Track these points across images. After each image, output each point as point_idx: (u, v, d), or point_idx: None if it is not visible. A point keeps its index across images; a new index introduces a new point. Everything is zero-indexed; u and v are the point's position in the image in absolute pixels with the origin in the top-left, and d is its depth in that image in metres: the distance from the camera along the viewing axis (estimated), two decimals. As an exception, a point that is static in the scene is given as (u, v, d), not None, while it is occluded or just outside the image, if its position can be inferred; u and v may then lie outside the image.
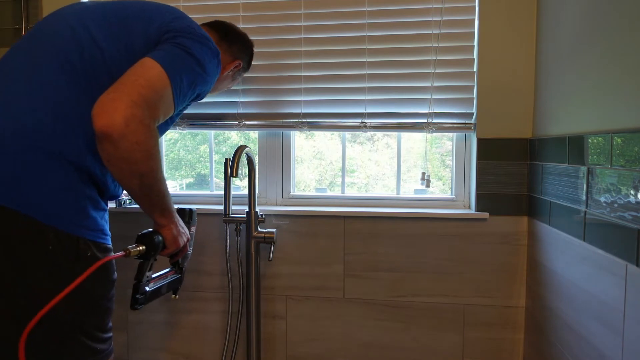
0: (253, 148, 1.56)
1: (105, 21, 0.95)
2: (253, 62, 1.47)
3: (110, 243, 0.97)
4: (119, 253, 0.88)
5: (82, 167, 0.89)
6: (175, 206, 1.02)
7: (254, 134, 1.59)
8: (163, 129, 1.09)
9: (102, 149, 0.81)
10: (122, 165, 0.82)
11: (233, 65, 1.24)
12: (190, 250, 1.13)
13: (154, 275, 1.03)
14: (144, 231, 0.95)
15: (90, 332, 0.93)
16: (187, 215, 1.14)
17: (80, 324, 0.91)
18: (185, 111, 1.50)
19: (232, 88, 1.48)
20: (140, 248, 0.91)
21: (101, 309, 0.95)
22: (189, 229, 1.13)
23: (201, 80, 0.98)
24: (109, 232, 0.97)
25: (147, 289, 0.99)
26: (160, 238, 0.95)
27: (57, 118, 0.87)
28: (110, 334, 0.99)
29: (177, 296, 1.18)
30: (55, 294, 0.79)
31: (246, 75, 1.47)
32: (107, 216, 0.98)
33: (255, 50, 1.47)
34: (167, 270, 1.12)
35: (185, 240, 1.04)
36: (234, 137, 1.69)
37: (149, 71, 0.86)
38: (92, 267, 0.82)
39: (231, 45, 1.23)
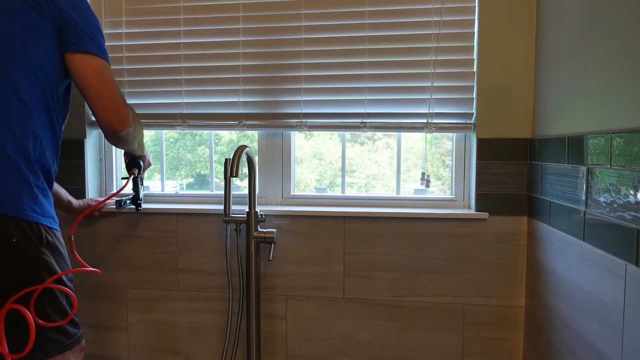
0: (252, 146, 1.56)
1: None
2: (253, 62, 1.48)
3: (59, 229, 1.05)
4: (130, 176, 1.38)
5: (31, 159, 0.97)
6: None
7: (251, 133, 1.59)
8: None
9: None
10: (126, 142, 1.18)
11: None
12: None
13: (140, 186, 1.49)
14: (129, 160, 1.39)
15: (63, 309, 1.01)
16: None
17: (51, 304, 0.99)
18: (185, 111, 1.51)
19: (232, 88, 1.49)
20: (135, 171, 1.38)
21: (66, 287, 1.03)
22: None
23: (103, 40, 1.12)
24: (57, 219, 1.06)
25: (141, 195, 1.47)
26: (141, 162, 1.40)
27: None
28: (77, 319, 1.07)
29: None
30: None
31: (246, 75, 1.48)
32: (52, 202, 1.05)
33: (255, 50, 1.47)
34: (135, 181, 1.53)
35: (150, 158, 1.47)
36: (227, 135, 1.69)
37: (104, 70, 1.06)
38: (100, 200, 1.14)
39: None
